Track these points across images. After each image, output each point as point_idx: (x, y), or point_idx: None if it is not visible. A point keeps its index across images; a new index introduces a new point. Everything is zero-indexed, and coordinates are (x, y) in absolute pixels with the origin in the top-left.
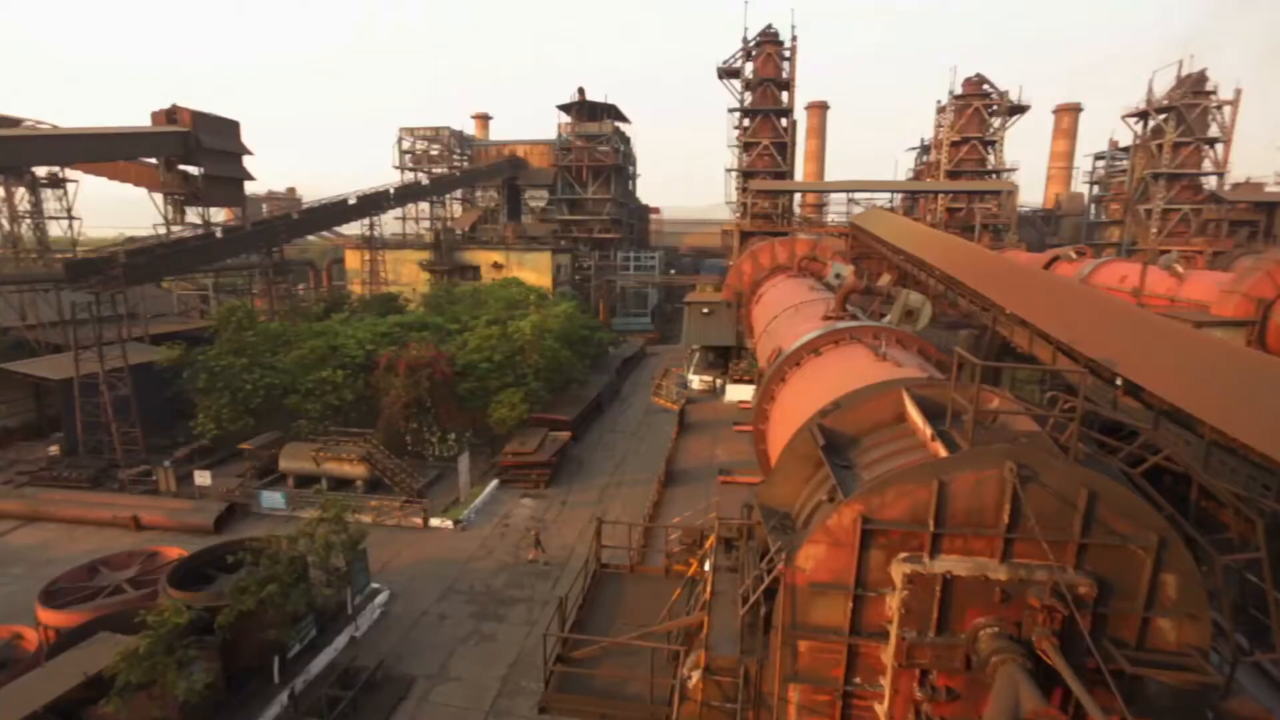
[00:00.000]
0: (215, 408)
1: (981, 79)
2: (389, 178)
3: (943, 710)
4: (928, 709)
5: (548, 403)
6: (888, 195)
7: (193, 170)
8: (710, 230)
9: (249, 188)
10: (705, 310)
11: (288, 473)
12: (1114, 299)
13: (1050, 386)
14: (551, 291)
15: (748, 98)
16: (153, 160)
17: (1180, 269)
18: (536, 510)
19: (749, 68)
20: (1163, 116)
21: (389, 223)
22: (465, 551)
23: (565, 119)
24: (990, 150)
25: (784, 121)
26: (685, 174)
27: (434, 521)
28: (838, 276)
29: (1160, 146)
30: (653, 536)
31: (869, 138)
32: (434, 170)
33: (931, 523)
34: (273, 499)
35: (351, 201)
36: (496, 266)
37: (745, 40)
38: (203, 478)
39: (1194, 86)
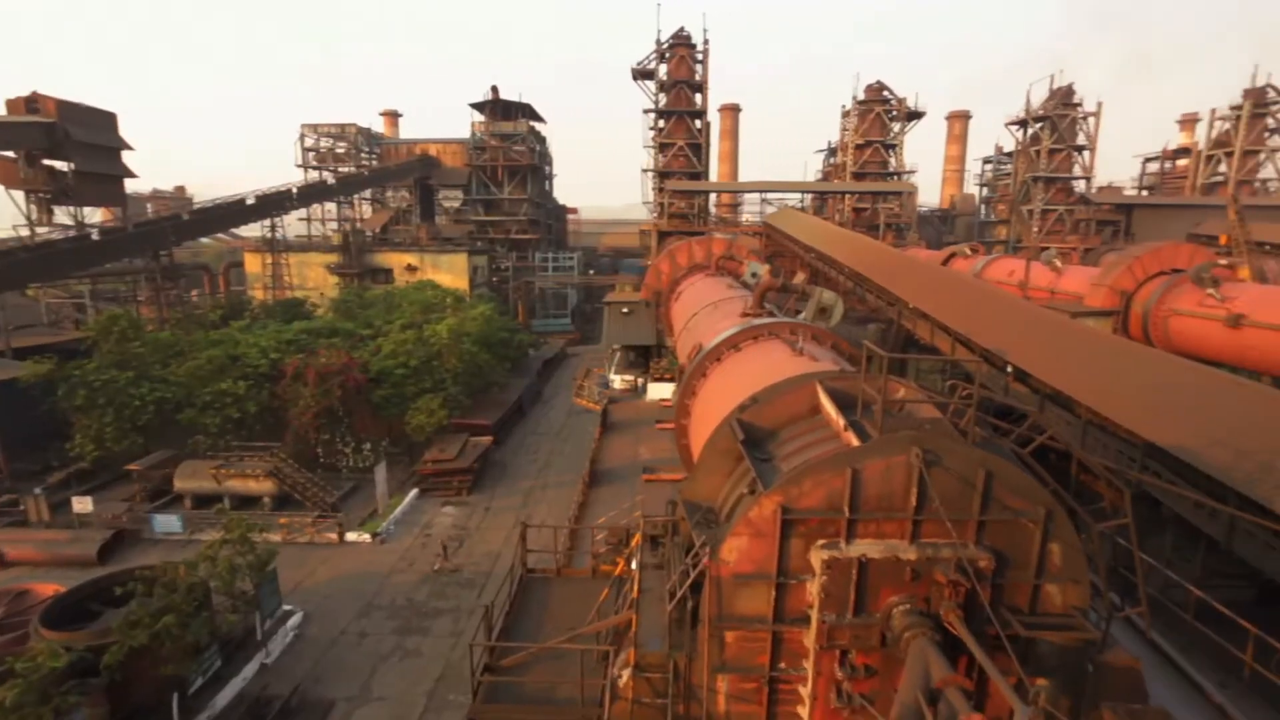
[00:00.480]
0: (96, 427)
1: (881, 86)
2: (291, 177)
3: (861, 687)
4: (848, 687)
5: (467, 407)
6: (799, 195)
7: (61, 166)
8: (628, 230)
9: (130, 185)
10: (625, 310)
11: (184, 493)
12: (1003, 292)
13: (950, 375)
14: (468, 294)
15: (662, 99)
16: (10, 154)
17: (1059, 264)
18: (459, 518)
19: (663, 69)
20: (1039, 125)
21: (293, 224)
22: (385, 565)
23: (479, 118)
24: (891, 153)
25: (698, 123)
26: (603, 174)
27: (350, 536)
28: (754, 275)
29: (1038, 152)
30: (579, 538)
31: (780, 140)
32: (340, 169)
33: (847, 509)
34: (168, 522)
35: (250, 201)
36: (410, 269)
37: (659, 42)
38: (82, 504)
39: (1063, 99)
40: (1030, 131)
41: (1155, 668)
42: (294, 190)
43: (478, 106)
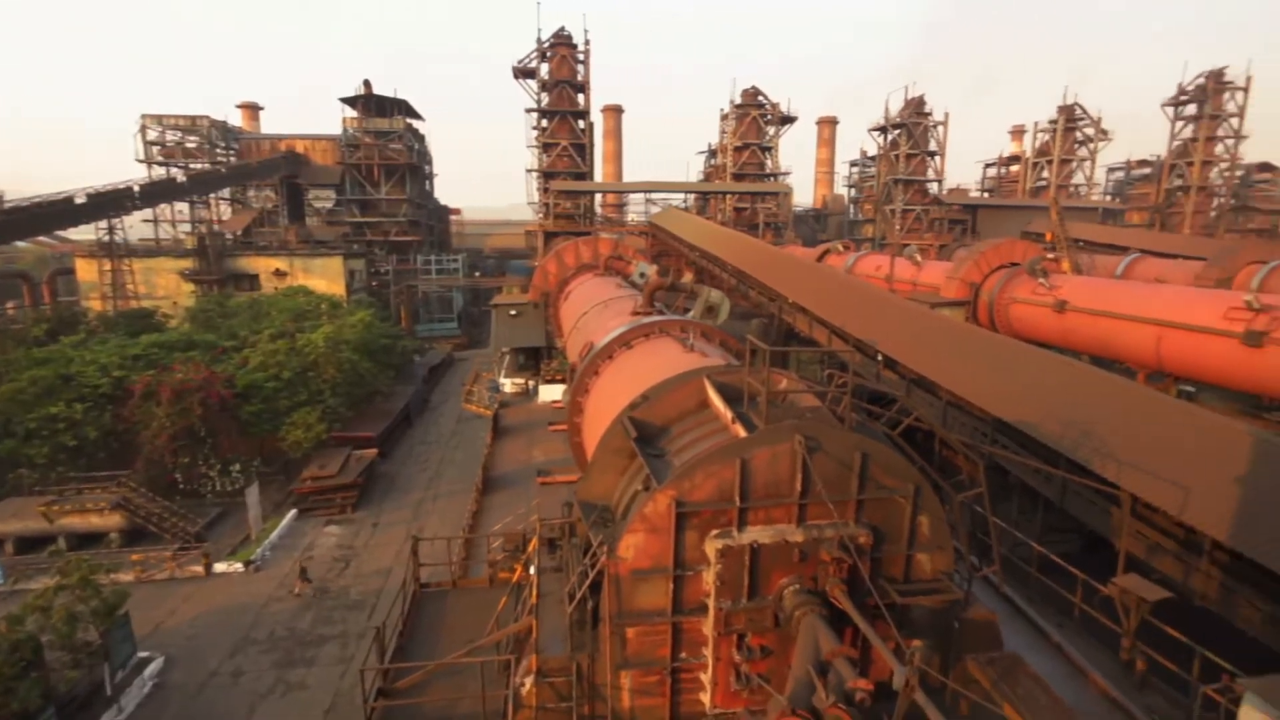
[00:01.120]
0: None
1: (757, 91)
2: (131, 173)
3: (758, 667)
4: (746, 669)
5: (349, 420)
6: (682, 195)
7: None
8: (514, 231)
9: None
10: (513, 312)
11: (4, 537)
12: (872, 286)
13: (828, 365)
14: (346, 299)
15: (544, 98)
16: None
17: (919, 259)
18: (344, 537)
19: (544, 69)
20: (897, 131)
21: (136, 226)
22: (261, 594)
23: (351, 113)
24: (767, 155)
25: (581, 123)
26: (486, 174)
27: (219, 566)
28: (642, 275)
29: (897, 157)
30: (474, 547)
31: (663, 141)
32: (193, 165)
33: (737, 498)
34: None
35: (80, 200)
36: (279, 274)
37: (539, 41)
38: None
39: (917, 108)
40: (890, 137)
41: (1008, 618)
42: (136, 188)
43: (349, 101)
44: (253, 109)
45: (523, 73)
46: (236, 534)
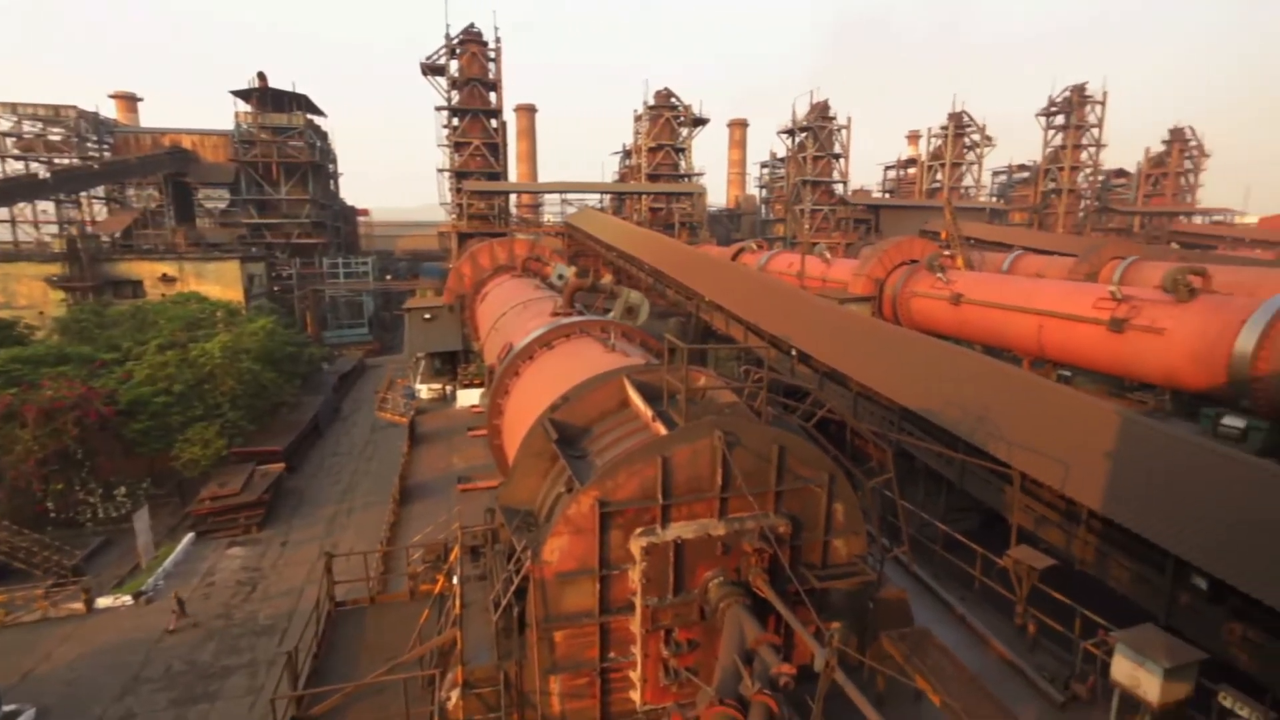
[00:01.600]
0: None
1: (669, 93)
2: None
3: (686, 661)
4: (674, 663)
5: (252, 434)
6: (598, 196)
7: None
8: (426, 233)
9: None
10: (427, 316)
11: None
12: (785, 284)
13: (744, 362)
14: (245, 306)
15: (455, 96)
16: None
17: (828, 256)
18: (250, 559)
19: (454, 65)
20: (804, 134)
21: None
22: (154, 628)
23: (244, 107)
24: (681, 156)
25: (494, 122)
26: (397, 174)
27: (104, 601)
28: (560, 277)
29: (804, 159)
30: (393, 560)
31: (578, 141)
32: (58, 160)
33: (660, 496)
34: None
35: None
36: (167, 279)
37: (448, 37)
38: None
39: (822, 112)
40: (797, 140)
41: (918, 595)
42: None
43: (242, 95)
44: (129, 100)
45: (431, 69)
46: (124, 563)
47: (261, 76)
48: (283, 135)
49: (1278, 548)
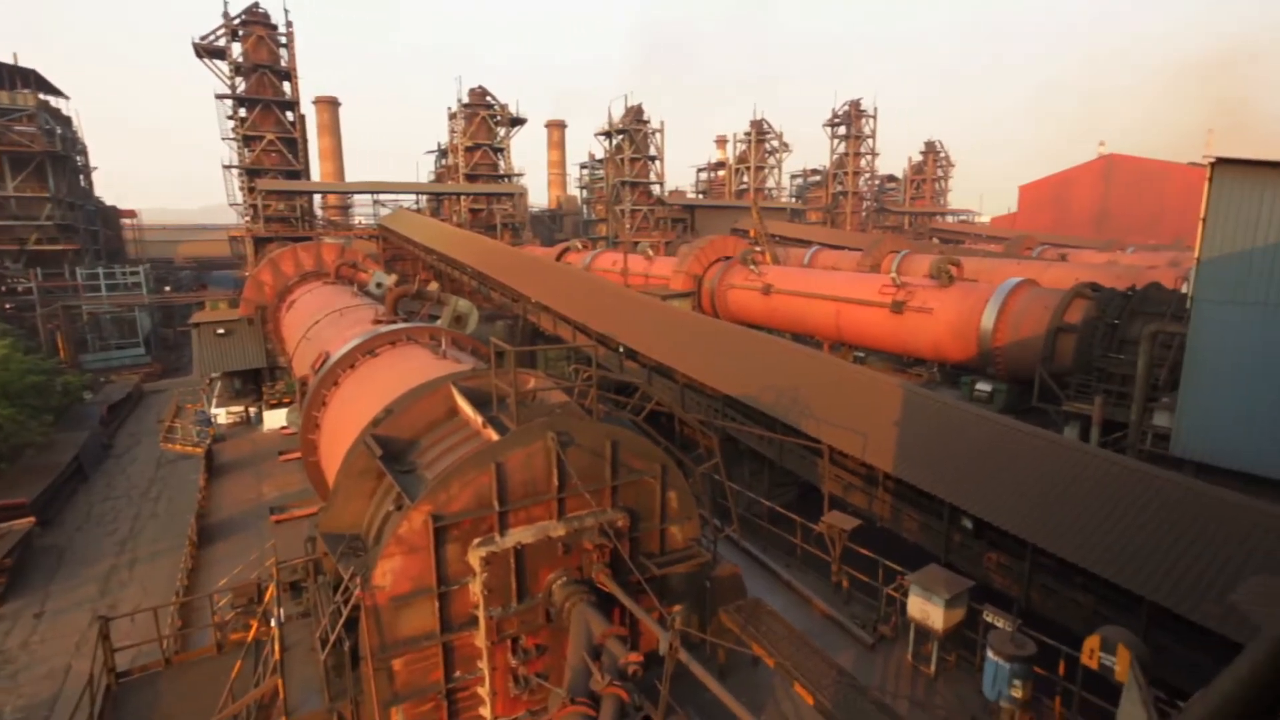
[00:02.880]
0: None
1: (484, 91)
2: None
3: (535, 667)
4: (523, 671)
5: None
6: (414, 196)
7: None
8: (214, 237)
9: None
10: (220, 331)
11: None
12: (610, 283)
13: (574, 360)
14: None
15: (240, 84)
16: None
17: (651, 253)
18: None
19: (237, 49)
20: (620, 136)
21: None
22: None
23: None
24: (500, 156)
25: (290, 115)
26: (171, 171)
27: None
28: (379, 285)
29: (622, 160)
30: (194, 612)
31: (389, 140)
32: None
33: (496, 503)
34: None
35: None
36: None
37: (227, 16)
38: None
39: (637, 115)
40: (615, 142)
41: (749, 568)
42: None
43: None
44: None
45: (208, 51)
46: None
47: None
48: (5, 118)
49: (1011, 485)
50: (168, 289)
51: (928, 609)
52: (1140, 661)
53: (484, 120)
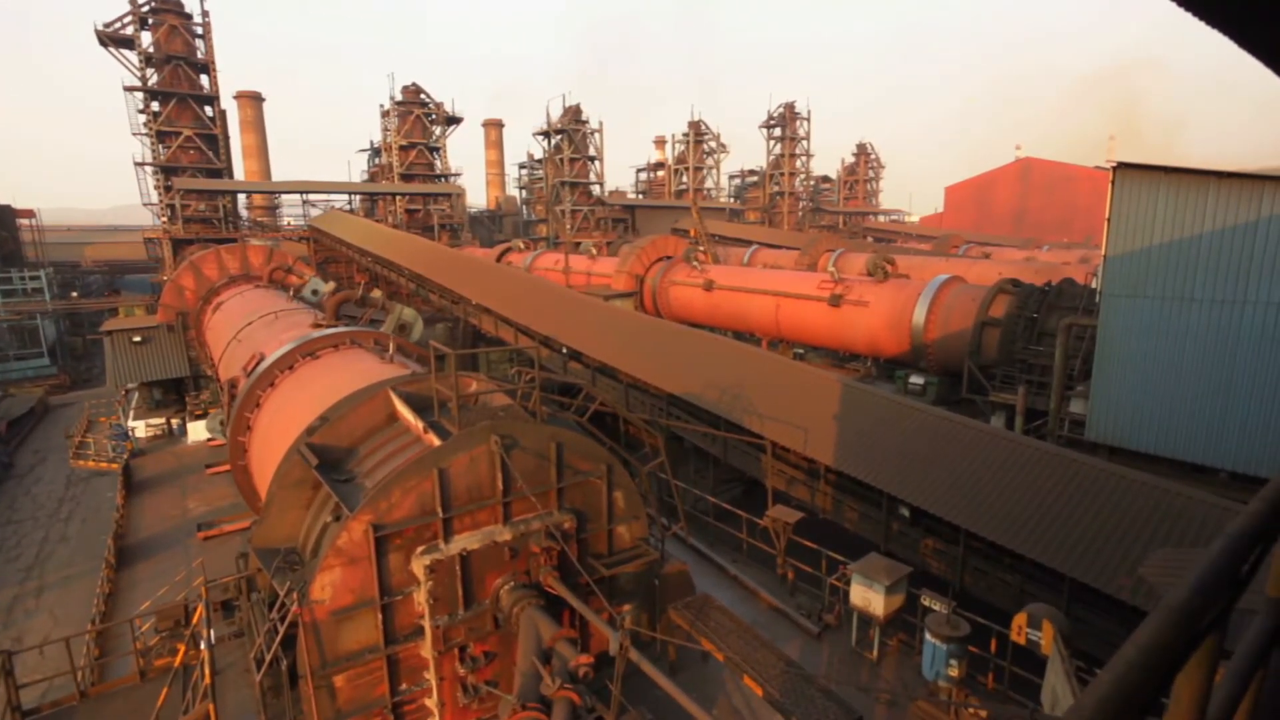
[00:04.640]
0: None
1: (418, 88)
2: None
3: (484, 674)
4: (472, 680)
5: None
6: (346, 196)
7: None
8: (128, 239)
9: None
10: (137, 339)
11: None
12: (553, 284)
13: (517, 362)
14: None
15: (152, 75)
16: None
17: (594, 252)
18: None
19: (147, 38)
20: (559, 136)
21: None
22: None
23: None
24: (436, 156)
25: (209, 110)
26: (75, 167)
27: None
28: (315, 292)
29: (562, 160)
30: (113, 639)
31: (318, 137)
32: None
33: (439, 509)
34: None
35: None
36: None
37: (134, 2)
38: None
39: (575, 116)
40: (554, 142)
41: (697, 564)
42: None
43: None
44: None
45: (114, 40)
46: None
47: None
48: None
49: (944, 474)
50: (75, 294)
51: (869, 596)
52: (1063, 635)
53: (419, 119)
